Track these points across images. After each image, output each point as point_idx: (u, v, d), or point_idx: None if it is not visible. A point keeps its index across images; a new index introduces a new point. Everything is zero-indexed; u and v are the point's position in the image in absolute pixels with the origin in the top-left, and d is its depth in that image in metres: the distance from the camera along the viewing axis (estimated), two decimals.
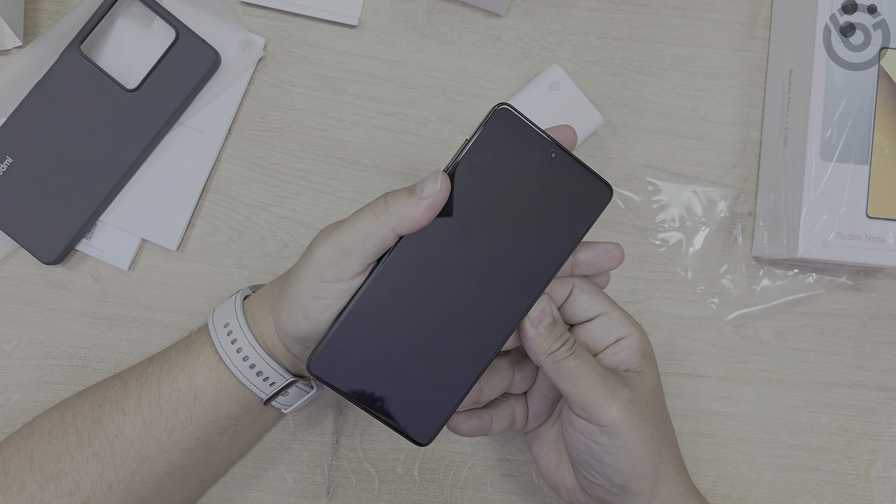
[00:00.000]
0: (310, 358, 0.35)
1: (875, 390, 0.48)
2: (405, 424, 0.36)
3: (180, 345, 0.41)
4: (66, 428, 0.40)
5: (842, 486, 0.48)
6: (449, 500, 0.47)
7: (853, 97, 0.43)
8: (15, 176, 0.45)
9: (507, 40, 0.48)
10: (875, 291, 0.48)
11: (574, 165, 0.35)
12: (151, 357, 0.42)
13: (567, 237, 0.36)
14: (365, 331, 0.35)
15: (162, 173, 0.46)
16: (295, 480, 0.47)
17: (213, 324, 0.40)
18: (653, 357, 0.39)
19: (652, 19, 0.49)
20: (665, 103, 0.48)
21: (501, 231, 0.35)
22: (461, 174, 0.35)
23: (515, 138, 0.35)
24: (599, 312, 0.38)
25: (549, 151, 0.35)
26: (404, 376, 0.35)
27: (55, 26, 0.46)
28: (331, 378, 0.35)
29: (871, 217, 0.43)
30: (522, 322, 0.36)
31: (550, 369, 0.36)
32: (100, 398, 0.40)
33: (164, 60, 0.45)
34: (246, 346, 0.39)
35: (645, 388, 0.37)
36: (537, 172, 0.35)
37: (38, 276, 0.47)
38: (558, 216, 0.35)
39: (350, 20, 0.47)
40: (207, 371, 0.39)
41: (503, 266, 0.35)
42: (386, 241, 0.34)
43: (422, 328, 0.35)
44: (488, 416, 0.39)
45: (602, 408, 0.35)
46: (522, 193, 0.35)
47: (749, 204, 0.48)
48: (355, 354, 0.35)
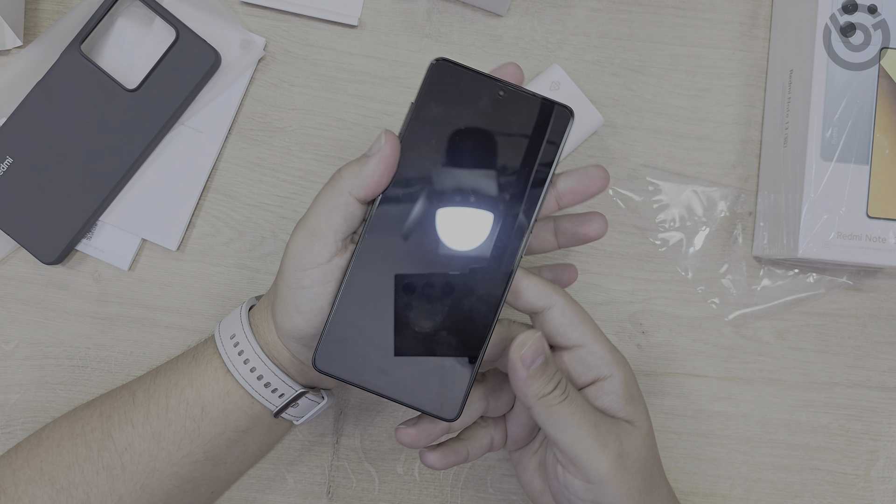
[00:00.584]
0: (314, 355, 0.34)
1: (875, 390, 0.48)
2: (428, 404, 0.34)
3: (188, 355, 0.41)
4: (75, 439, 0.39)
5: (842, 486, 0.48)
6: (449, 500, 0.47)
7: (853, 97, 0.43)
8: (15, 176, 0.45)
9: (508, 40, 0.48)
10: (875, 291, 0.48)
11: (525, 98, 0.35)
12: (160, 367, 0.42)
13: (541, 169, 0.35)
14: (359, 315, 0.34)
15: (162, 173, 0.46)
16: (295, 480, 0.47)
17: (220, 335, 0.40)
18: (641, 399, 0.36)
19: (652, 19, 0.49)
20: (665, 103, 0.48)
21: (473, 182, 0.34)
22: (415, 135, 0.34)
23: (460, 87, 0.34)
24: (577, 343, 0.35)
25: (497, 91, 0.34)
26: (413, 353, 0.34)
27: (55, 26, 0.46)
28: (339, 371, 0.34)
29: (872, 217, 0.43)
30: (512, 359, 0.33)
31: (541, 414, 0.33)
32: (108, 409, 0.40)
33: (164, 60, 0.45)
34: (252, 356, 0.38)
35: (636, 439, 0.35)
36: (491, 115, 0.34)
37: (38, 276, 0.47)
38: (525, 151, 0.34)
39: (350, 20, 0.47)
40: (215, 383, 0.39)
41: (484, 217, 0.34)
42: (348, 207, 0.34)
43: (416, 299, 0.34)
44: (464, 450, 0.37)
45: (591, 463, 0.33)
46: (483, 139, 0.34)
47: (749, 204, 0.48)
48: (357, 341, 0.34)
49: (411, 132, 0.34)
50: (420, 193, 0.34)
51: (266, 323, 0.39)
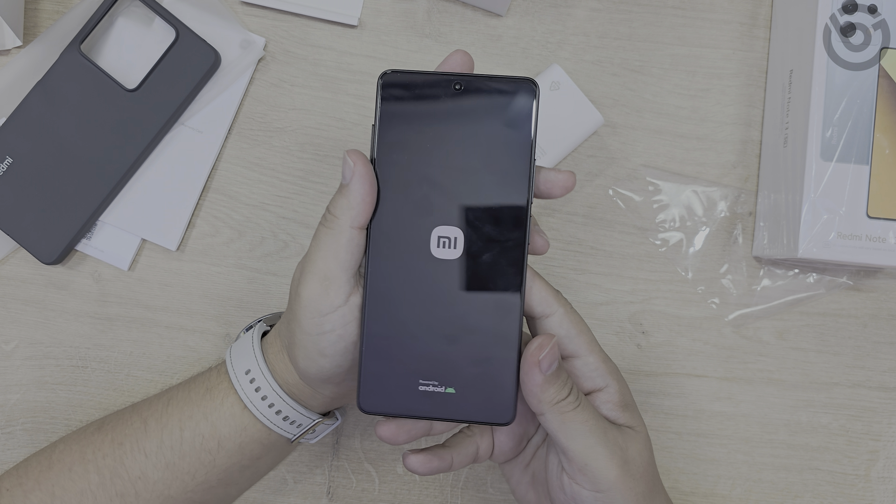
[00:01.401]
0: (357, 400, 0.34)
1: (875, 390, 0.48)
2: (481, 414, 0.34)
3: (200, 386, 0.40)
4: (86, 465, 0.39)
5: (842, 487, 0.48)
6: (449, 500, 0.47)
7: (853, 97, 0.43)
8: (15, 176, 0.45)
9: (508, 40, 0.48)
10: (875, 291, 0.48)
11: (483, 82, 0.34)
12: (171, 394, 0.41)
13: (521, 147, 0.34)
14: (389, 345, 0.34)
15: (162, 173, 0.46)
16: (295, 480, 0.47)
17: (234, 370, 0.39)
18: (635, 406, 0.37)
19: (652, 19, 0.49)
20: (665, 103, 0.48)
21: (460, 184, 0.34)
22: (387, 155, 0.34)
23: (415, 94, 0.34)
24: (573, 354, 0.35)
25: (453, 85, 0.34)
26: (449, 369, 0.34)
27: (55, 26, 0.46)
28: (385, 408, 0.34)
29: (872, 217, 0.43)
30: (528, 363, 0.33)
31: (553, 421, 0.33)
32: (119, 436, 0.40)
33: (164, 60, 0.45)
34: (271, 393, 0.38)
35: (639, 444, 0.35)
36: (455, 110, 0.34)
37: (38, 276, 0.46)
38: (502, 134, 0.34)
39: (350, 20, 0.47)
40: (232, 419, 0.39)
41: (480, 212, 0.34)
42: (353, 242, 0.33)
43: (438, 313, 0.34)
44: (448, 457, 0.36)
45: (601, 472, 0.33)
46: (455, 137, 0.34)
47: (749, 204, 0.48)
48: (394, 373, 0.34)
49: (383, 153, 0.33)
50: (410, 209, 0.34)
51: (282, 363, 0.38)
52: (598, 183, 0.48)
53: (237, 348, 0.40)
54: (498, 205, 0.34)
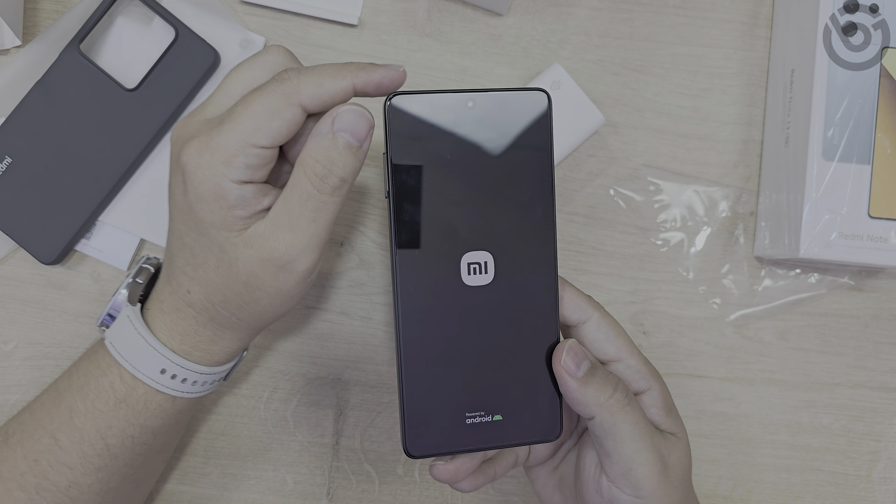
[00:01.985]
0: (404, 444, 0.33)
1: (877, 391, 0.48)
2: (530, 435, 0.33)
3: (107, 397, 0.36)
4: (7, 483, 0.36)
5: (843, 487, 0.48)
6: (449, 501, 0.47)
7: (855, 96, 0.43)
8: (14, 176, 0.45)
9: (508, 39, 0.48)
10: (877, 292, 0.48)
11: (496, 97, 0.33)
12: (68, 401, 0.37)
13: (541, 161, 0.33)
14: (431, 385, 0.33)
15: (162, 173, 0.46)
16: (295, 482, 0.46)
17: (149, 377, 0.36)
18: (677, 411, 0.36)
19: (653, 18, 0.49)
20: (666, 103, 0.48)
21: (482, 205, 0.33)
22: (403, 186, 0.32)
23: (425, 117, 0.32)
24: (613, 358, 0.34)
25: (466, 102, 0.32)
26: (494, 396, 0.33)
27: (54, 26, 0.46)
28: (437, 448, 0.33)
29: (873, 217, 0.43)
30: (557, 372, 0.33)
31: (605, 422, 0.32)
32: (32, 452, 0.36)
33: (163, 60, 0.45)
34: (191, 375, 0.36)
35: (680, 451, 0.34)
36: (469, 130, 0.32)
37: (37, 276, 0.46)
38: (519, 150, 0.33)
39: (350, 19, 0.47)
40: (162, 412, 0.37)
41: (507, 232, 0.33)
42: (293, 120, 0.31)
43: (476, 342, 0.33)
44: (492, 471, 0.36)
45: (644, 478, 0.33)
46: (473, 158, 0.32)
47: (751, 204, 0.48)
48: (440, 411, 0.33)
49: (398, 183, 0.32)
50: (435, 239, 0.32)
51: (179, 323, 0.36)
52: (599, 183, 0.48)
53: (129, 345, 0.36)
54: (524, 222, 0.33)
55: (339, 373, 0.47)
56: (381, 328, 0.47)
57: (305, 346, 0.47)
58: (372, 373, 0.47)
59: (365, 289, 0.47)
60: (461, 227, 0.33)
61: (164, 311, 0.36)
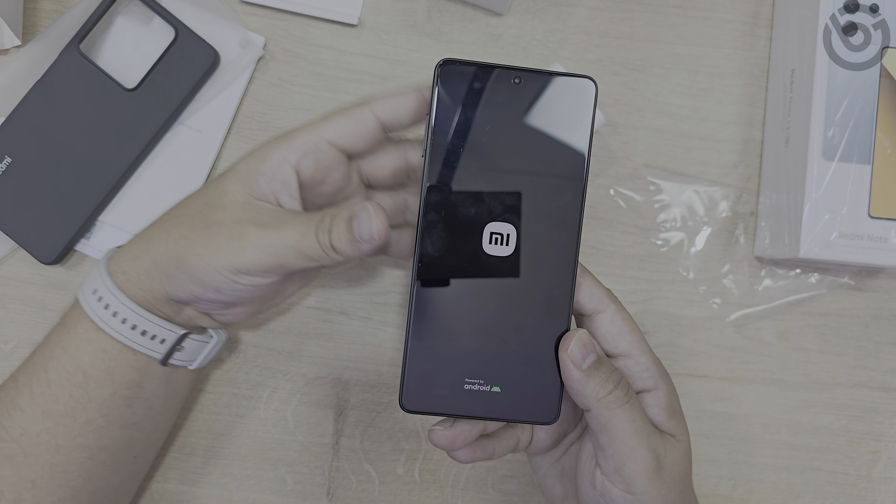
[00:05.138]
0: (400, 398, 0.33)
1: (877, 391, 0.48)
2: (525, 413, 0.34)
3: (57, 325, 0.38)
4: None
5: (844, 487, 0.48)
6: (450, 501, 0.47)
7: (855, 96, 0.43)
8: (14, 176, 0.45)
9: (508, 39, 0.48)
10: (877, 291, 0.48)
11: (544, 78, 0.33)
12: (36, 346, 0.39)
13: (578, 147, 0.33)
14: (437, 344, 0.33)
15: (161, 173, 0.46)
16: (295, 481, 0.46)
17: (82, 291, 0.37)
18: (682, 414, 0.36)
19: (653, 18, 0.49)
20: (667, 102, 0.48)
21: (514, 179, 0.33)
22: (440, 146, 0.33)
23: (473, 85, 0.33)
24: (623, 353, 0.34)
25: (512, 79, 0.33)
26: (496, 367, 0.33)
27: (54, 25, 0.46)
28: (429, 407, 0.33)
29: (874, 217, 0.43)
30: (562, 360, 0.33)
31: (601, 416, 0.32)
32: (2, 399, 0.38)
33: (163, 59, 0.45)
34: (122, 308, 0.36)
35: (678, 453, 0.34)
36: (512, 105, 0.33)
37: (37, 276, 0.46)
38: (558, 132, 0.33)
39: (350, 19, 0.47)
40: (88, 344, 0.37)
41: (534, 210, 0.33)
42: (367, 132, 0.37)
43: (487, 311, 0.33)
44: (490, 447, 0.36)
45: (636, 475, 0.33)
46: (512, 133, 0.33)
47: (751, 204, 0.48)
48: (441, 372, 0.33)
49: (436, 142, 0.33)
50: (463, 203, 0.33)
51: (143, 272, 0.37)
52: (599, 182, 0.48)
53: (88, 276, 0.38)
54: (552, 203, 0.33)
55: (339, 373, 0.47)
56: (382, 328, 0.47)
57: (305, 346, 0.47)
58: (372, 373, 0.47)
59: (365, 289, 0.47)
60: (489, 197, 0.33)
61: (124, 248, 0.38)
